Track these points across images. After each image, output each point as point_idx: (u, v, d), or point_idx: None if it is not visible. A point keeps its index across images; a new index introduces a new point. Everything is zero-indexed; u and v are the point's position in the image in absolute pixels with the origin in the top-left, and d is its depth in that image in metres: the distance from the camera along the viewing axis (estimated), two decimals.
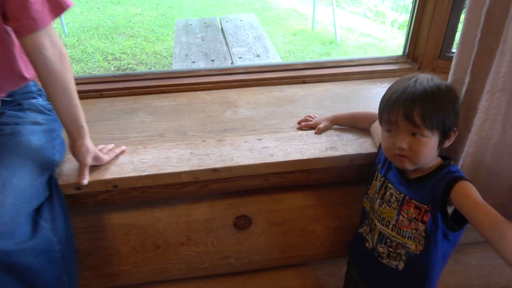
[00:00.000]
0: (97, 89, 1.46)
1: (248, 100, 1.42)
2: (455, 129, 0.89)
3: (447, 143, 0.90)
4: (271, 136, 1.19)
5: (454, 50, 1.51)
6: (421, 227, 0.92)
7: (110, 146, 1.12)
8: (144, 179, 1.04)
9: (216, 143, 1.16)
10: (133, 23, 5.75)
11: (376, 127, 1.13)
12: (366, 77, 1.57)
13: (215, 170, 1.06)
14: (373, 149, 1.12)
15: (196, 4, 6.66)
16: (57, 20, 5.41)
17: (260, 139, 1.18)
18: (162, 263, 1.24)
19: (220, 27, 3.84)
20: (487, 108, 0.99)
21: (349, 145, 1.15)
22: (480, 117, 1.00)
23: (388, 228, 0.99)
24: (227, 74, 1.54)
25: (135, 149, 1.13)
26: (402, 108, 0.84)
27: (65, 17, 5.57)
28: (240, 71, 1.56)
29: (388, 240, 0.99)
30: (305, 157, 1.10)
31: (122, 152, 1.12)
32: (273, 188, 1.20)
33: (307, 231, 1.29)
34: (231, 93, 1.47)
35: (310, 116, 1.28)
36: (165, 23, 5.74)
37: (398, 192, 0.96)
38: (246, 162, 1.08)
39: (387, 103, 0.89)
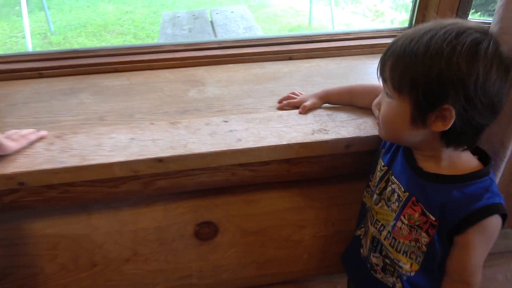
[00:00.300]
0: (35, 67, 1.18)
1: (219, 78, 1.14)
2: (445, 105, 0.57)
3: (440, 126, 0.59)
4: (241, 118, 0.91)
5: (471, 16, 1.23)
6: (424, 239, 0.67)
7: (26, 131, 0.84)
8: (62, 174, 0.76)
9: (168, 127, 0.88)
10: (123, 20, 5.52)
11: (377, 100, 0.85)
12: (366, 52, 1.29)
13: (160, 160, 0.78)
14: (376, 131, 0.83)
15: (189, 2, 6.44)
16: (43, 18, 5.20)
17: (226, 121, 0.90)
18: (101, 286, 0.96)
19: (210, 19, 3.59)
20: None
21: (343, 126, 0.86)
22: None
23: (381, 235, 0.74)
24: (197, 49, 1.27)
25: (59, 135, 0.85)
26: (381, 58, 0.65)
27: (52, 15, 5.37)
28: (213, 46, 1.28)
29: (383, 249, 0.74)
30: (284, 142, 0.82)
31: (41, 139, 0.84)
32: (245, 186, 0.92)
33: (291, 241, 1.01)
34: (200, 71, 1.19)
35: (294, 93, 1.00)
36: (156, 21, 5.50)
37: (403, 189, 0.69)
38: (204, 149, 0.80)
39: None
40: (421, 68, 0.57)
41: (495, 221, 0.63)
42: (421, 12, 1.31)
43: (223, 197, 0.94)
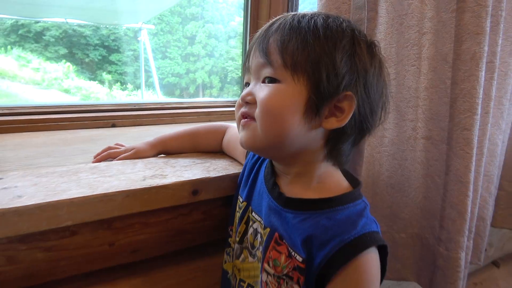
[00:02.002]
0: None
1: (4, 144, 0.80)
2: (347, 93, 0.47)
3: (334, 122, 0.48)
4: (29, 173, 0.59)
5: None
6: None
7: None
8: None
9: None
10: None
11: (233, 135, 0.70)
12: (203, 120, 1.18)
13: None
14: (238, 168, 0.64)
15: None
16: None
17: (1, 178, 0.56)
18: None
19: None
20: None
21: (186, 170, 0.64)
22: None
23: None
24: None
25: None
26: (259, 38, 0.50)
27: None
28: (1, 111, 0.94)
29: None
30: (99, 192, 0.53)
31: None
32: None
33: None
34: None
35: (118, 144, 0.75)
36: None
37: (264, 225, 0.51)
38: None
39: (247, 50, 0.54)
40: (325, 46, 0.46)
41: (370, 260, 0.46)
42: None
43: None
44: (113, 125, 1.03)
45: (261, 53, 0.49)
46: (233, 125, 0.72)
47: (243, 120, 0.50)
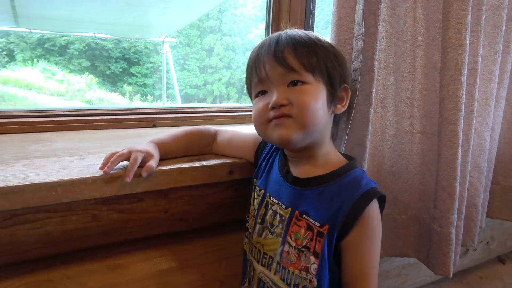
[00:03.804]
0: None
1: (70, 137, 0.98)
2: (345, 85, 0.67)
3: (340, 108, 0.66)
4: (102, 156, 0.76)
5: None
6: (314, 265, 0.61)
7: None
8: None
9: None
10: None
11: (231, 137, 0.81)
12: (229, 122, 1.34)
13: None
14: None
15: None
16: None
17: (83, 158, 0.73)
18: None
19: None
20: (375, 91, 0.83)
21: (216, 158, 0.80)
22: (367, 104, 0.81)
23: (270, 271, 0.65)
24: (41, 116, 1.09)
25: None
26: (271, 53, 0.62)
27: None
28: (61, 113, 1.13)
29: None
30: (159, 168, 0.69)
31: None
32: (109, 247, 0.72)
33: None
34: (45, 135, 1.00)
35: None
36: None
37: (284, 206, 0.65)
38: (53, 178, 0.61)
39: (253, 62, 0.65)
40: (325, 51, 0.63)
41: (375, 209, 0.62)
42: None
43: (77, 265, 0.70)
44: (154, 126, 1.20)
45: (281, 64, 0.60)
46: (221, 129, 0.82)
47: (276, 120, 0.60)
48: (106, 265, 0.73)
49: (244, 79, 0.70)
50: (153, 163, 0.67)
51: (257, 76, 0.64)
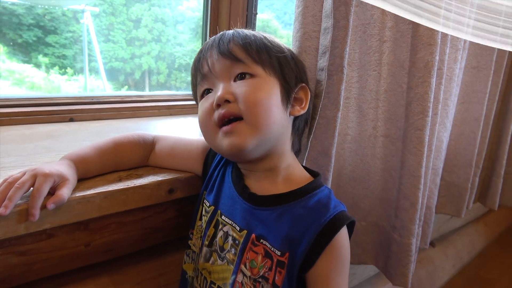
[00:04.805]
0: None
1: None
2: (303, 84, 0.58)
3: (298, 110, 0.57)
4: None
5: None
6: None
7: None
8: None
9: None
10: None
11: (173, 146, 0.66)
12: (164, 114, 1.17)
13: None
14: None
15: None
16: None
17: None
18: None
19: None
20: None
21: (152, 174, 0.65)
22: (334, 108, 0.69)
23: None
24: None
25: None
26: (214, 47, 0.55)
27: None
28: None
29: None
30: (77, 195, 0.52)
31: None
32: None
33: None
34: None
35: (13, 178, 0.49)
36: None
37: (238, 228, 0.54)
38: None
39: (197, 60, 0.57)
40: (278, 48, 0.55)
41: (345, 237, 0.53)
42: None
43: None
44: (71, 120, 0.99)
45: (226, 55, 0.53)
46: (159, 135, 0.67)
47: (226, 127, 0.50)
48: None
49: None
50: (66, 191, 0.49)
51: (201, 74, 0.55)
